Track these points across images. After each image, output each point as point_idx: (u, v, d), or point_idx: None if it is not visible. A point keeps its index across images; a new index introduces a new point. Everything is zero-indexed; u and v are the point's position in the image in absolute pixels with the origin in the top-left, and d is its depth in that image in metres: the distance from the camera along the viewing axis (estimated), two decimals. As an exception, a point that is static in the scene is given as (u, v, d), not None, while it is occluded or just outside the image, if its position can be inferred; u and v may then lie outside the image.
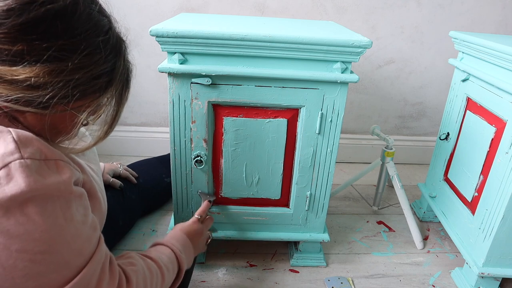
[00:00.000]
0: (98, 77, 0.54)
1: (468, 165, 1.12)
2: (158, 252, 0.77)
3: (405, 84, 1.68)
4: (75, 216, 0.54)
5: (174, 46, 0.84)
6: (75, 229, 0.53)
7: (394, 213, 1.42)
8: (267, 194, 1.04)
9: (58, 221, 0.51)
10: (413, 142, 1.79)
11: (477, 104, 1.10)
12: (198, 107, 0.91)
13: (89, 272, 0.55)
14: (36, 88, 0.49)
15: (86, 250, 0.56)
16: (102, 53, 0.54)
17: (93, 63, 0.53)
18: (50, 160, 0.50)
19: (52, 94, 0.50)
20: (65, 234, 0.52)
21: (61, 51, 0.49)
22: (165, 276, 0.73)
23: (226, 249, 1.17)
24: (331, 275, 1.10)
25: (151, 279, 0.69)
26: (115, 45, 0.57)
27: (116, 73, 0.57)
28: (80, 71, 0.51)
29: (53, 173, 0.50)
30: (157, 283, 0.71)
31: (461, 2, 1.55)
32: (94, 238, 0.58)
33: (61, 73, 0.50)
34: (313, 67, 0.88)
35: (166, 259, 0.76)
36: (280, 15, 1.53)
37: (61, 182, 0.51)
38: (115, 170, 1.14)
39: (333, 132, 0.95)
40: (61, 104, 0.52)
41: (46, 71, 0.49)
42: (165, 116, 1.71)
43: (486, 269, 1.01)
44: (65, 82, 0.50)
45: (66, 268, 0.53)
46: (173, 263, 0.78)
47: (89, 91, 0.54)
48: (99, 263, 0.57)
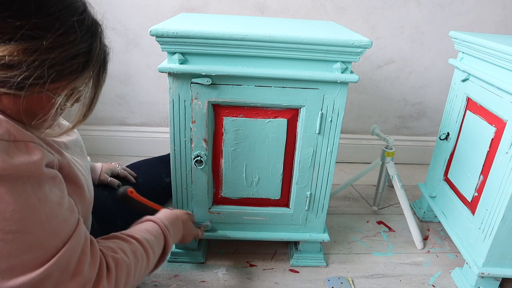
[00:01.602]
0: (74, 57, 0.54)
1: (468, 165, 1.12)
2: (146, 232, 0.75)
3: (405, 84, 1.68)
4: (49, 197, 0.53)
5: (174, 46, 0.84)
6: (49, 209, 0.53)
7: (394, 213, 1.42)
8: (267, 194, 1.04)
9: (30, 200, 0.50)
10: (413, 142, 1.79)
11: (477, 104, 1.10)
12: (198, 107, 0.91)
13: (66, 253, 0.54)
14: (10, 67, 0.49)
15: (63, 231, 0.55)
16: (78, 33, 0.54)
17: (69, 43, 0.53)
18: (19, 142, 0.50)
19: (27, 74, 0.50)
20: (38, 214, 0.51)
21: (34, 29, 0.49)
22: (150, 259, 0.72)
23: (226, 249, 1.17)
24: (331, 275, 1.10)
25: (135, 263, 0.67)
26: (91, 26, 0.57)
27: (92, 54, 0.57)
28: (55, 50, 0.51)
29: (22, 154, 0.50)
30: (142, 266, 0.70)
31: (461, 2, 1.55)
32: (72, 219, 0.57)
33: (35, 52, 0.50)
34: (313, 67, 0.88)
35: (153, 240, 0.74)
36: (280, 15, 1.53)
37: (31, 163, 0.50)
38: (113, 170, 1.14)
39: (333, 132, 0.95)
40: (36, 86, 0.52)
41: (21, 49, 0.49)
42: (165, 116, 1.71)
43: (486, 269, 1.01)
44: (40, 61, 0.50)
45: (40, 249, 0.52)
46: (160, 243, 0.77)
47: (65, 72, 0.54)
48: (78, 245, 0.56)
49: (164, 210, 0.87)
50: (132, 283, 0.67)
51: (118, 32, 1.52)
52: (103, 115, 1.69)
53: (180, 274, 1.07)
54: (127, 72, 1.61)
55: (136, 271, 0.67)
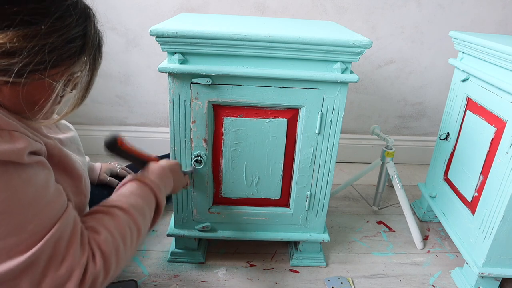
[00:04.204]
0: (72, 40, 0.55)
1: (468, 165, 1.12)
2: (132, 196, 0.70)
3: (405, 84, 1.68)
4: (33, 179, 0.53)
5: (174, 46, 0.84)
6: (35, 191, 0.53)
7: (394, 213, 1.42)
8: (267, 194, 1.04)
9: (13, 181, 0.50)
10: (413, 142, 1.79)
11: (477, 104, 1.10)
12: (198, 107, 0.91)
13: (54, 237, 0.53)
14: (11, 54, 0.49)
15: (49, 214, 0.54)
16: (73, 16, 0.55)
17: (66, 26, 0.54)
18: (3, 130, 0.50)
19: (28, 60, 0.50)
20: (22, 196, 0.51)
21: (32, 15, 0.50)
22: (140, 226, 0.68)
23: (226, 249, 1.17)
24: (331, 275, 1.10)
25: (123, 237, 0.63)
26: (84, 10, 0.58)
27: (88, 37, 0.58)
28: (53, 34, 0.52)
29: (4, 142, 0.50)
30: (132, 236, 0.66)
31: (461, 2, 1.55)
32: (60, 202, 0.57)
33: (35, 37, 0.50)
34: (313, 67, 0.88)
35: (141, 204, 0.69)
36: (280, 15, 1.53)
37: (14, 151, 0.50)
38: (112, 170, 1.14)
39: (333, 132, 0.95)
40: (37, 72, 0.52)
41: (20, 35, 0.49)
42: (165, 116, 1.71)
43: (486, 269, 1.01)
44: (40, 46, 0.51)
45: (25, 232, 0.51)
46: (151, 204, 0.72)
47: (64, 56, 0.55)
48: (66, 229, 0.55)
49: (150, 164, 0.81)
50: (126, 255, 0.64)
51: (118, 32, 1.52)
52: (103, 115, 1.69)
53: (180, 274, 1.07)
54: (127, 72, 1.61)
55: (126, 244, 0.64)
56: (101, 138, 0.76)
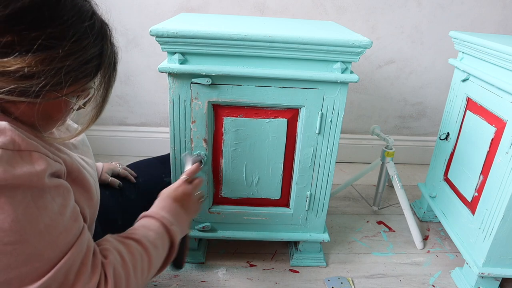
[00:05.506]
0: (88, 61, 0.55)
1: (468, 165, 1.12)
2: (144, 229, 0.71)
3: (405, 84, 1.68)
4: (49, 206, 0.52)
5: (174, 46, 0.84)
6: (49, 219, 0.52)
7: (394, 213, 1.42)
8: (267, 194, 1.04)
9: (29, 210, 0.50)
10: (413, 142, 1.79)
11: (477, 104, 1.10)
12: (198, 107, 0.91)
13: (65, 265, 0.53)
14: (29, 77, 0.49)
15: (63, 242, 0.54)
16: (90, 38, 0.55)
17: (82, 49, 0.54)
18: (24, 151, 0.50)
19: (45, 83, 0.50)
20: (37, 224, 0.51)
21: (50, 39, 0.50)
22: (152, 257, 0.68)
23: (226, 249, 1.17)
24: (331, 275, 1.10)
25: (134, 265, 0.64)
26: (100, 29, 0.58)
27: (104, 57, 0.58)
28: (70, 57, 0.52)
29: (26, 164, 0.49)
30: (143, 266, 0.66)
31: (461, 2, 1.55)
32: (74, 229, 0.56)
33: (53, 61, 0.50)
34: (313, 67, 0.88)
35: (153, 236, 0.70)
36: (280, 15, 1.53)
37: (33, 173, 0.50)
38: (113, 170, 1.14)
39: (333, 132, 0.95)
40: (54, 92, 0.52)
41: (38, 60, 0.49)
42: (165, 116, 1.71)
43: (486, 269, 1.01)
44: (57, 69, 0.51)
45: (38, 261, 0.51)
46: (163, 237, 0.72)
47: (80, 76, 0.55)
48: (78, 256, 0.55)
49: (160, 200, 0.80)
50: (137, 283, 0.64)
51: (118, 32, 1.52)
52: (103, 115, 1.67)
53: (180, 274, 1.07)
54: (127, 72, 1.61)
55: (137, 271, 0.65)
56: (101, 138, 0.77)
